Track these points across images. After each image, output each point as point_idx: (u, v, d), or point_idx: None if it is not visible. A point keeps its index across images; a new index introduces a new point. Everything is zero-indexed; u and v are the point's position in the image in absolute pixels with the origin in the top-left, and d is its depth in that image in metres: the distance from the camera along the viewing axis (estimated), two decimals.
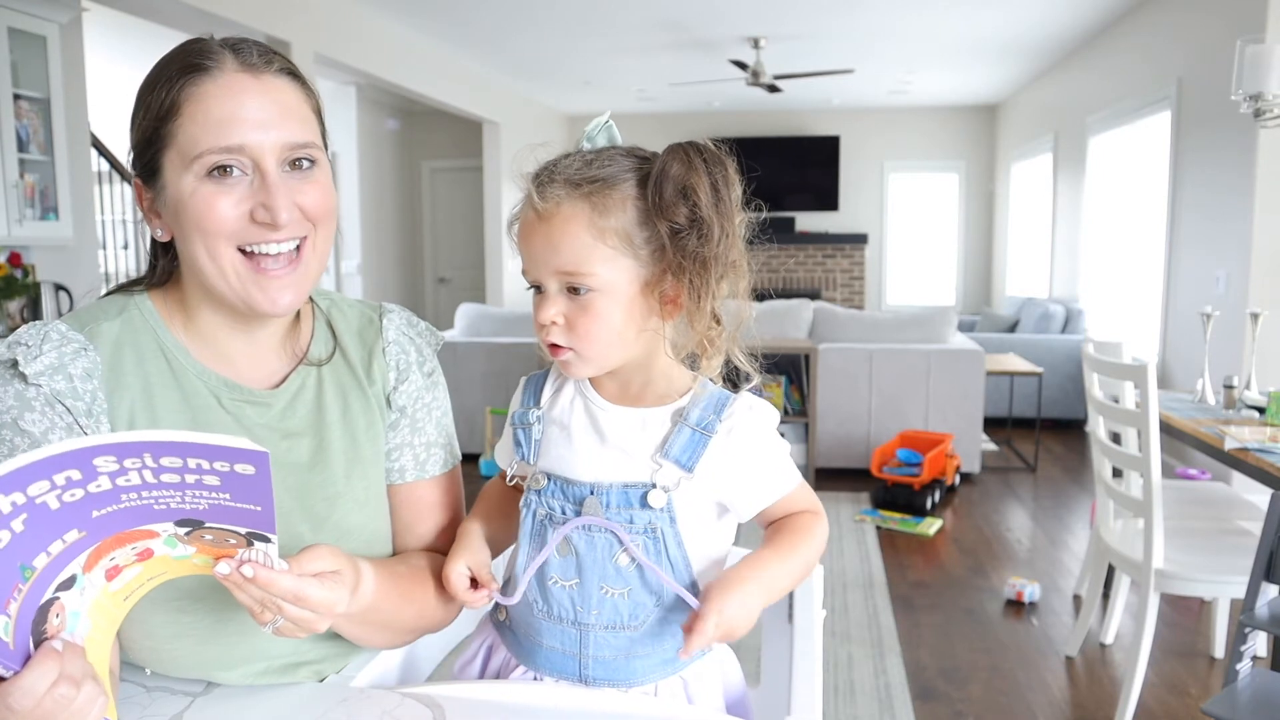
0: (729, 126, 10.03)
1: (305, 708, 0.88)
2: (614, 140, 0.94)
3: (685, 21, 6.11)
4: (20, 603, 0.68)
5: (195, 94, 0.86)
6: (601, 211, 0.87)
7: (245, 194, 0.87)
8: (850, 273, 10.09)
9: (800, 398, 4.81)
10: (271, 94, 0.88)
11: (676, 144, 0.89)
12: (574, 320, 0.89)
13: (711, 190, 0.88)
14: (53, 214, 4.07)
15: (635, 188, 0.89)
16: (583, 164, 0.89)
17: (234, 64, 0.87)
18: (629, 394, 0.96)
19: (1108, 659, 2.81)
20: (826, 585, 3.31)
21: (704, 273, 0.88)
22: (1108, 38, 6.17)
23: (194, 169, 0.86)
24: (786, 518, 0.97)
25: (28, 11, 3.85)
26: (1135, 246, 5.70)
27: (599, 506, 0.91)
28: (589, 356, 0.91)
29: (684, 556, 0.92)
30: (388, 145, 8.96)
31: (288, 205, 0.87)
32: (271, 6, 4.80)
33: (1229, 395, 2.81)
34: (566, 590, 0.92)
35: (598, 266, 0.87)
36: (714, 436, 0.91)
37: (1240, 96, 2.77)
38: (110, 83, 6.00)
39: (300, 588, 0.77)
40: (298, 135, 0.89)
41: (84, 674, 0.70)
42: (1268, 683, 1.66)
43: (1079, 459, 5.39)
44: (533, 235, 0.90)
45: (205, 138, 0.85)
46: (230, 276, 0.89)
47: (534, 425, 0.97)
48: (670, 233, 0.87)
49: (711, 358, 0.94)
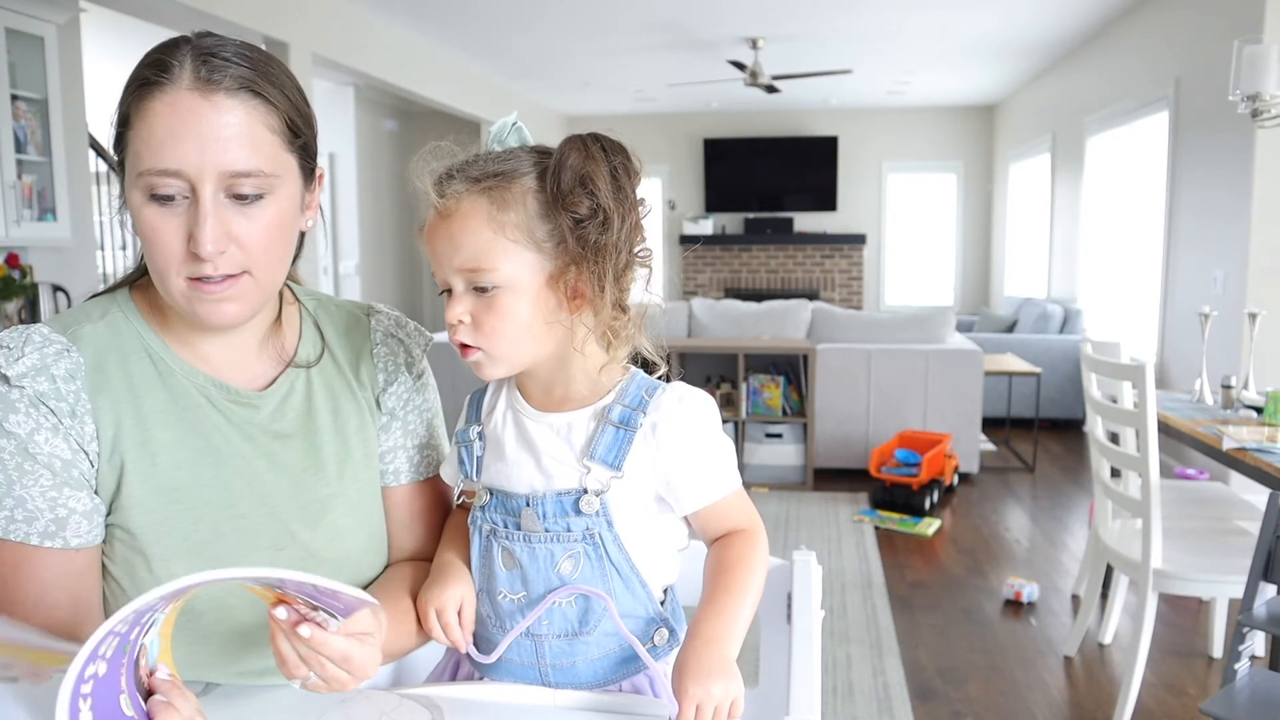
0: (727, 127, 10.04)
1: (303, 709, 0.88)
2: (524, 142, 0.93)
3: (683, 22, 6.11)
4: (126, 672, 0.70)
5: (144, 109, 0.83)
6: (501, 205, 0.86)
7: (183, 221, 0.84)
8: (849, 273, 10.10)
9: (799, 398, 4.81)
10: (218, 115, 0.83)
11: (575, 135, 0.88)
12: (480, 318, 0.88)
13: (611, 179, 0.86)
14: (50, 215, 4.07)
15: (535, 180, 0.87)
16: (484, 162, 0.88)
17: (188, 80, 0.83)
18: (553, 399, 0.94)
19: (1106, 659, 2.81)
20: (825, 586, 3.31)
21: (603, 261, 0.87)
22: (1105, 38, 6.18)
23: (139, 186, 0.85)
24: (721, 549, 0.94)
25: (25, 12, 3.85)
26: (1133, 246, 5.70)
27: (535, 518, 0.90)
28: (498, 355, 0.90)
29: (627, 559, 0.91)
30: (386, 146, 8.96)
31: (216, 237, 0.83)
32: (270, 7, 4.80)
33: (1227, 395, 2.82)
34: (515, 603, 0.91)
35: (499, 261, 0.86)
36: (638, 431, 0.89)
37: (1238, 97, 2.78)
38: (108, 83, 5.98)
39: (349, 651, 0.76)
40: (243, 163, 0.84)
41: (191, 707, 0.74)
42: (1266, 682, 1.66)
43: (1077, 459, 5.39)
44: (435, 235, 0.89)
45: (146, 156, 0.83)
46: (177, 298, 0.87)
47: (475, 442, 0.97)
48: (571, 223, 0.86)
49: (617, 349, 0.92)
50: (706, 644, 0.85)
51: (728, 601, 0.89)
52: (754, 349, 4.74)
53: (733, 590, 0.90)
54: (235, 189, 0.84)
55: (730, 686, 0.82)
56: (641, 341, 0.93)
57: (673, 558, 0.97)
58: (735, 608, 0.89)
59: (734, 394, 4.83)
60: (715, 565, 0.93)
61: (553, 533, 0.90)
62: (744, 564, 0.92)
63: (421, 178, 0.89)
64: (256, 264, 0.88)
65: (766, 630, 1.14)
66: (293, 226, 0.92)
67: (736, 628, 0.88)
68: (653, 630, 0.94)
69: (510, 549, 0.91)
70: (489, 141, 0.93)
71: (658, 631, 0.94)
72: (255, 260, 0.87)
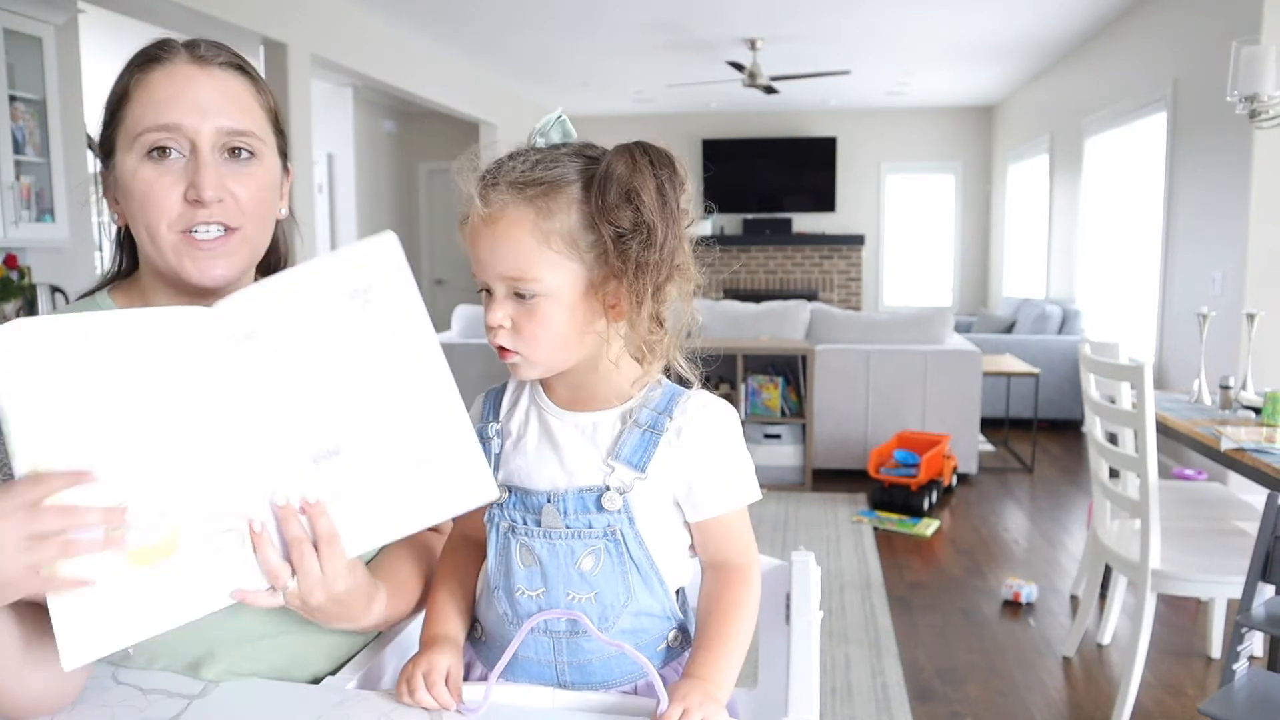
0: (726, 127, 10.04)
1: (302, 710, 0.88)
2: (568, 135, 0.92)
3: (682, 22, 6.11)
4: None
5: (144, 80, 0.91)
6: (546, 215, 0.85)
7: (180, 175, 0.89)
8: (847, 274, 10.10)
9: (797, 399, 4.81)
10: (215, 81, 0.91)
11: (623, 144, 0.87)
12: (520, 324, 0.88)
13: (657, 193, 0.86)
14: (49, 216, 4.07)
15: (581, 190, 0.86)
16: (529, 165, 0.87)
17: (185, 56, 0.92)
18: (580, 398, 0.94)
19: (1105, 659, 2.81)
20: (824, 586, 3.31)
21: (643, 277, 0.86)
22: (1104, 39, 6.18)
23: (135, 148, 0.89)
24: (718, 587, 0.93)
25: (24, 13, 3.85)
26: (1131, 247, 5.71)
27: (557, 515, 0.90)
28: (535, 359, 0.90)
29: (647, 557, 0.91)
30: (384, 147, 8.95)
31: (215, 184, 0.89)
32: (268, 8, 4.80)
33: (1225, 396, 2.82)
34: (534, 600, 0.91)
35: (542, 271, 0.86)
36: (664, 435, 0.90)
37: (1235, 98, 2.78)
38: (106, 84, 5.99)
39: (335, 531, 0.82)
40: (238, 122, 0.91)
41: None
42: (1264, 682, 1.66)
43: (1076, 459, 5.39)
44: (478, 239, 0.88)
45: (146, 116, 0.89)
46: (167, 251, 0.91)
47: (493, 440, 0.96)
48: (614, 236, 0.86)
49: (651, 363, 0.92)
50: (699, 681, 0.86)
51: (724, 646, 0.89)
52: (753, 350, 4.74)
53: (728, 635, 0.90)
54: (230, 144, 0.91)
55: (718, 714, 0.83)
56: (675, 356, 0.94)
57: (687, 559, 0.97)
58: (732, 651, 0.89)
59: (732, 395, 4.83)
60: (710, 606, 0.93)
61: (574, 529, 0.90)
62: (739, 609, 0.92)
63: (466, 179, 0.89)
64: (249, 220, 0.93)
65: (765, 631, 1.14)
66: (275, 198, 0.98)
67: (731, 672, 0.89)
68: (667, 630, 0.95)
69: (529, 545, 0.91)
70: (532, 135, 0.92)
71: (671, 632, 0.95)
72: (248, 216, 0.93)
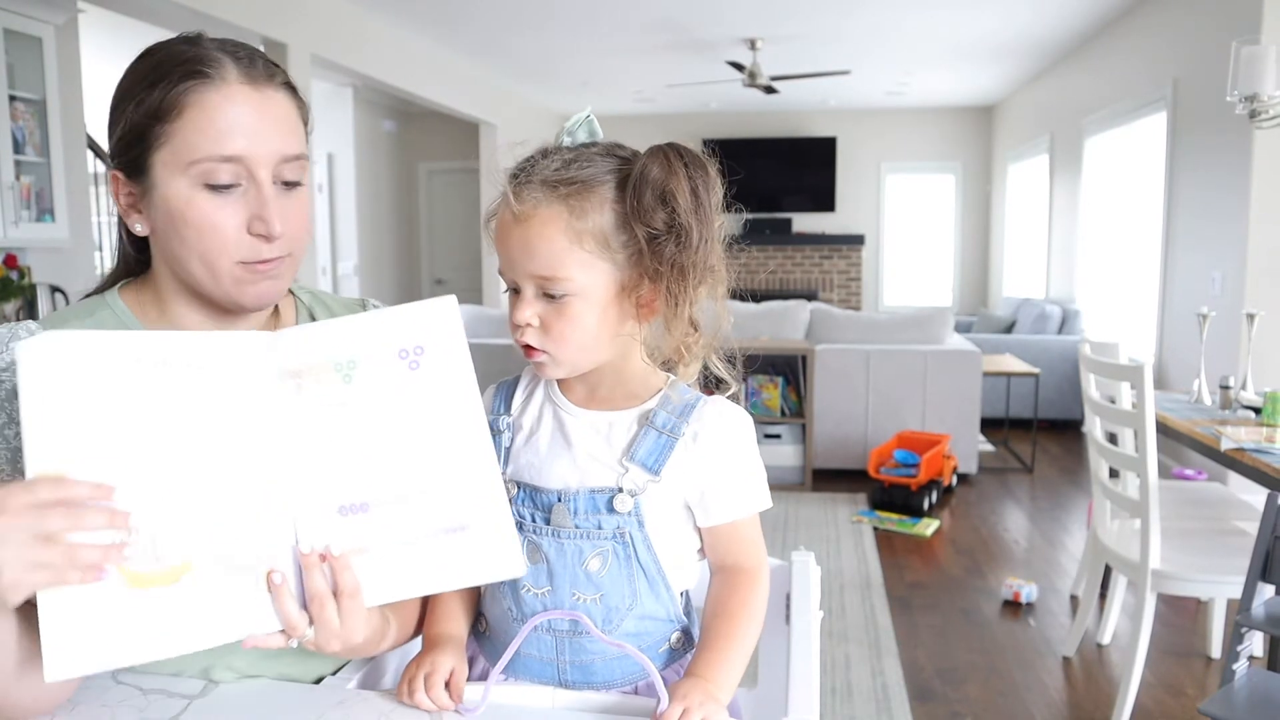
0: (726, 127, 10.04)
1: (302, 710, 0.88)
2: (595, 135, 0.92)
3: (682, 22, 6.11)
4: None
5: (198, 100, 0.86)
6: (579, 215, 0.85)
7: (240, 205, 0.88)
8: (847, 274, 10.10)
9: (797, 399, 4.81)
10: (269, 107, 0.89)
11: (657, 146, 0.87)
12: (549, 323, 0.88)
13: (691, 195, 0.86)
14: (49, 216, 4.07)
15: (614, 190, 0.87)
16: (561, 164, 0.87)
17: (236, 74, 0.88)
18: (597, 397, 0.94)
19: (1105, 659, 2.81)
20: (824, 586, 3.31)
21: (681, 279, 0.87)
22: (1104, 39, 6.18)
23: (189, 174, 0.86)
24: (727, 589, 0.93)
25: (23, 13, 3.85)
26: (1131, 247, 5.70)
27: (566, 514, 0.90)
28: (563, 359, 0.90)
29: (654, 560, 0.91)
30: (384, 147, 8.95)
31: (282, 218, 0.89)
32: (268, 8, 4.80)
33: (1225, 395, 2.82)
34: (539, 598, 0.91)
35: (574, 271, 0.86)
36: (680, 440, 0.89)
37: (1235, 98, 2.78)
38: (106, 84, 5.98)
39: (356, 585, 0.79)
40: (291, 147, 0.90)
41: None
42: (1264, 682, 1.66)
43: (1076, 459, 5.39)
44: (509, 237, 0.88)
45: (204, 145, 0.85)
46: (225, 280, 0.89)
47: (503, 433, 0.96)
48: (648, 238, 0.86)
49: (688, 364, 0.92)
50: (701, 680, 0.85)
51: (729, 648, 0.89)
52: (752, 349, 4.72)
53: (734, 637, 0.90)
54: (283, 175, 0.90)
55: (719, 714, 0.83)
56: (711, 357, 0.94)
57: (695, 563, 0.97)
58: (736, 654, 0.89)
59: (733, 395, 4.82)
60: (717, 608, 0.92)
61: (583, 529, 0.89)
62: (745, 611, 0.91)
63: (499, 176, 0.89)
64: (298, 245, 0.93)
65: (765, 631, 1.14)
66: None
67: (734, 675, 0.88)
68: (671, 632, 0.95)
69: (537, 543, 0.91)
70: (560, 135, 0.92)
71: (675, 634, 0.95)
72: (298, 242, 0.93)
